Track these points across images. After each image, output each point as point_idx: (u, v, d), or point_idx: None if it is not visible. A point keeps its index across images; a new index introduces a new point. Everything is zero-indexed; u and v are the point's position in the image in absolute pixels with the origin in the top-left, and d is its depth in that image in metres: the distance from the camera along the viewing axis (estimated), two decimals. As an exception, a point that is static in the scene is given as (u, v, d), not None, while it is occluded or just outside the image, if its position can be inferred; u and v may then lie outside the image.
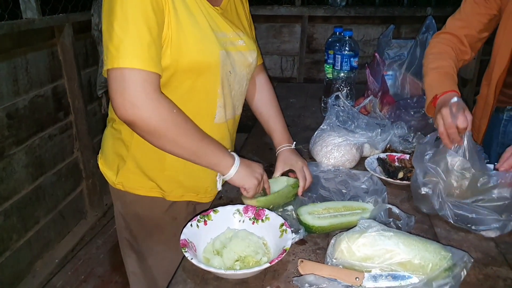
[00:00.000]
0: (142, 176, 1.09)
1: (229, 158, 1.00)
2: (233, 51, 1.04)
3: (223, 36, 1.02)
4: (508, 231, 0.94)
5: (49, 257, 2.31)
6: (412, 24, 3.02)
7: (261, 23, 3.12)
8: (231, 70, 1.04)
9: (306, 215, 0.95)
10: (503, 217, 0.93)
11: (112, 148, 1.12)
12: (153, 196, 1.11)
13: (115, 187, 1.12)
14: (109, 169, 1.13)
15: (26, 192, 2.12)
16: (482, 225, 0.94)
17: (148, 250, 1.17)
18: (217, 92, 1.03)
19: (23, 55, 2.04)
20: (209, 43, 0.97)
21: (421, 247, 0.79)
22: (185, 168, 1.09)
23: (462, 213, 0.96)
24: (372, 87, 1.68)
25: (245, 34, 1.12)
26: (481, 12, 1.32)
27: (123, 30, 0.85)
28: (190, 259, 0.80)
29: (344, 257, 0.81)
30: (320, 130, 1.36)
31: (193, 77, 0.98)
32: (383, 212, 0.95)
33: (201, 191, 1.16)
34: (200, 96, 1.01)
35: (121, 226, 1.18)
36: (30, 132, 2.13)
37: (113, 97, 0.87)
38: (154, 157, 1.06)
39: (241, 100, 1.17)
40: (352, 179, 1.20)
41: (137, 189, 1.10)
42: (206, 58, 0.96)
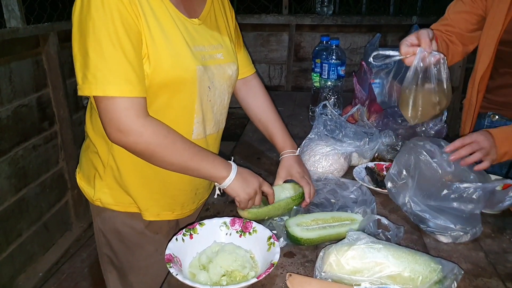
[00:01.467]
0: (120, 192, 1.06)
1: (223, 170, 0.99)
2: (212, 65, 1.02)
3: (200, 50, 0.99)
4: (460, 241, 0.95)
5: (32, 271, 2.24)
6: (398, 32, 3.05)
7: (248, 31, 3.12)
8: (210, 86, 1.02)
9: (294, 227, 0.93)
10: (457, 227, 0.95)
11: (89, 163, 1.09)
12: (132, 212, 1.08)
13: (93, 203, 1.10)
14: (87, 184, 1.11)
15: (9, 204, 2.06)
16: (436, 229, 0.96)
17: (129, 266, 1.14)
18: (194, 108, 1.01)
19: (6, 64, 2.00)
20: (184, 59, 0.94)
21: (410, 259, 0.78)
22: (161, 184, 1.06)
23: (420, 214, 0.99)
24: (359, 96, 1.68)
25: (224, 47, 1.09)
26: (467, 11, 1.34)
27: (98, 55, 0.83)
28: (175, 275, 0.78)
29: (333, 271, 0.80)
30: (308, 139, 1.35)
31: (169, 93, 0.96)
32: (372, 223, 0.94)
33: (177, 209, 1.13)
34: (176, 113, 0.98)
35: (101, 242, 1.15)
36: (13, 142, 2.08)
37: (103, 124, 0.90)
38: (130, 173, 1.04)
39: (224, 114, 1.14)
40: (341, 189, 1.19)
41: (115, 205, 1.08)
42: (182, 73, 0.94)
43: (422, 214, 0.98)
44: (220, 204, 1.16)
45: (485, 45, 1.31)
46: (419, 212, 0.99)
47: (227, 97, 1.12)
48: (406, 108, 1.09)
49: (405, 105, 1.08)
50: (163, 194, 1.08)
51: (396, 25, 3.05)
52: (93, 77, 0.84)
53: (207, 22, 1.06)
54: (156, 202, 1.08)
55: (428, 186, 1.00)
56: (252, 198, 1.01)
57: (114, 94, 0.85)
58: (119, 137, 0.88)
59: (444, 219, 0.95)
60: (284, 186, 1.13)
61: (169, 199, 1.10)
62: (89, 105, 1.07)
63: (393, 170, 1.08)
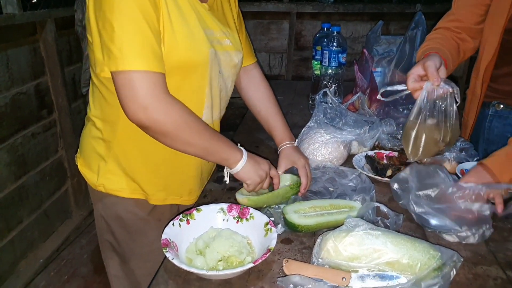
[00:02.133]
0: (124, 178, 1.05)
1: (237, 153, 1.00)
2: (220, 50, 1.00)
3: (211, 34, 0.98)
4: (467, 242, 0.91)
5: (33, 257, 2.25)
6: (401, 21, 3.02)
7: (248, 19, 3.09)
8: (219, 70, 1.01)
9: (291, 214, 0.92)
10: (463, 229, 0.90)
11: (92, 148, 1.07)
12: (136, 198, 1.07)
13: (96, 189, 1.08)
14: (89, 170, 1.09)
15: (9, 191, 2.06)
16: (442, 230, 0.92)
17: (131, 252, 1.13)
18: (205, 92, 0.99)
19: (3, 51, 1.98)
20: (199, 41, 0.93)
21: (409, 246, 0.77)
22: (169, 170, 1.06)
23: (424, 216, 0.94)
24: (361, 84, 1.66)
25: (231, 34, 1.07)
26: (473, 4, 1.30)
27: (123, 28, 0.81)
28: (171, 259, 0.77)
29: (330, 257, 0.79)
30: (307, 127, 1.33)
31: (181, 76, 0.94)
32: (371, 211, 0.93)
33: (185, 194, 1.13)
34: (187, 96, 0.96)
35: (103, 228, 1.14)
36: (12, 130, 2.07)
37: (123, 102, 0.85)
38: (137, 158, 1.02)
39: (227, 101, 1.14)
40: (339, 177, 1.18)
41: (119, 191, 1.06)
42: (195, 56, 0.93)
43: (426, 216, 0.94)
44: (217, 191, 1.15)
45: (490, 35, 1.28)
46: (422, 214, 0.95)
47: (231, 85, 1.11)
48: (407, 144, 1.03)
49: (406, 141, 1.02)
50: (170, 179, 1.07)
51: (399, 13, 3.02)
52: (119, 52, 0.81)
53: (214, 8, 1.04)
54: (163, 187, 1.07)
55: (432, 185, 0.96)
56: (263, 181, 1.02)
57: (143, 67, 0.82)
58: (143, 114, 0.84)
59: (449, 221, 0.91)
60: (283, 176, 1.12)
61: (176, 185, 1.09)
62: (91, 90, 1.05)
63: (404, 173, 1.03)
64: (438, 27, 1.36)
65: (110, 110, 0.99)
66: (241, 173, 1.00)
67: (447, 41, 1.28)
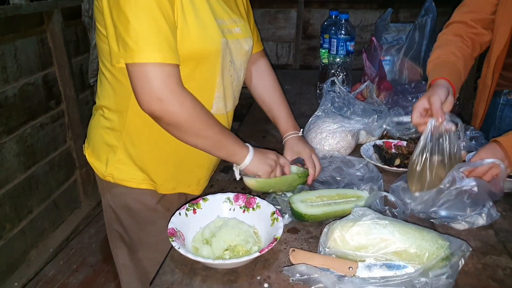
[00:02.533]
0: (133, 168, 1.05)
1: (244, 148, 0.99)
2: (230, 39, 0.99)
3: (221, 23, 0.97)
4: (478, 225, 0.91)
5: (44, 246, 2.29)
6: (410, 9, 2.96)
7: (256, 8, 3.06)
8: (231, 60, 1.00)
9: (298, 203, 0.92)
10: (468, 212, 0.90)
11: (100, 138, 1.07)
12: (144, 188, 1.08)
13: (104, 179, 1.08)
14: (97, 160, 1.09)
15: (19, 181, 2.09)
16: (448, 219, 0.92)
17: (139, 242, 1.14)
18: (216, 82, 0.99)
19: (11, 42, 1.99)
20: (211, 31, 0.92)
21: (417, 235, 0.76)
22: (178, 160, 1.06)
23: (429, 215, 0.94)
24: (369, 73, 1.64)
25: (242, 20, 1.06)
26: None
27: (139, 20, 0.81)
28: (178, 249, 0.78)
29: (337, 246, 0.78)
30: (314, 116, 1.32)
31: (192, 66, 0.94)
32: (379, 200, 0.92)
33: (193, 183, 1.13)
34: (197, 85, 0.96)
35: (111, 218, 1.14)
36: (21, 120, 2.09)
37: (138, 93, 0.86)
38: (146, 148, 1.02)
39: (239, 90, 1.13)
40: (347, 166, 1.17)
41: (127, 181, 1.06)
42: (208, 46, 0.92)
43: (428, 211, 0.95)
44: (224, 181, 1.15)
45: (501, 24, 1.25)
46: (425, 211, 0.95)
47: (243, 73, 1.10)
48: (411, 180, 1.00)
49: (411, 176, 1.00)
50: (179, 169, 1.07)
51: (409, 1, 2.96)
52: (135, 44, 0.81)
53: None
54: (172, 177, 1.07)
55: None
56: (274, 170, 1.02)
57: (158, 60, 0.82)
58: (157, 106, 0.85)
59: (453, 211, 0.92)
60: (292, 167, 1.11)
61: (185, 174, 1.09)
62: (99, 80, 1.05)
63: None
64: (453, 21, 1.32)
65: (120, 100, 0.98)
66: (250, 167, 1.00)
67: (460, 49, 1.24)
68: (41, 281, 2.10)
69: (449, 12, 1.98)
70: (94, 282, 2.11)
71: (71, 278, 2.13)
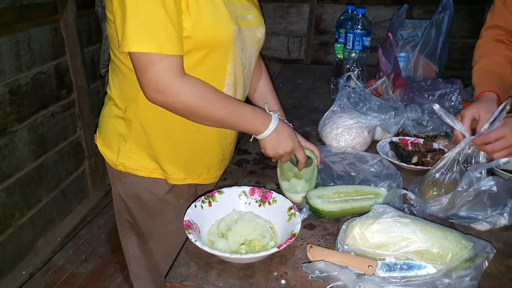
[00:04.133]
0: (144, 157, 1.04)
1: (261, 126, 0.99)
2: (244, 26, 0.98)
3: (234, 10, 0.96)
4: (501, 225, 0.89)
5: (51, 236, 2.30)
6: (425, 6, 2.91)
7: (267, 2, 3.03)
8: (243, 47, 0.99)
9: (315, 199, 0.90)
10: (489, 213, 0.88)
11: (112, 127, 1.07)
12: (155, 178, 1.07)
13: (115, 168, 1.08)
14: (109, 149, 1.08)
15: (28, 170, 2.09)
16: (471, 220, 0.90)
17: (149, 232, 1.13)
18: (226, 69, 0.98)
19: (25, 30, 1.98)
20: (223, 18, 0.91)
21: (440, 235, 0.74)
22: (189, 148, 1.05)
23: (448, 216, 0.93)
24: (385, 69, 1.62)
25: (254, 8, 1.06)
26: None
27: (136, 9, 0.81)
28: (194, 241, 0.76)
29: (356, 244, 0.77)
30: (330, 111, 1.30)
31: (204, 52, 0.93)
32: (397, 198, 0.91)
33: (204, 173, 1.12)
34: (208, 72, 0.95)
35: (121, 208, 1.14)
36: (33, 109, 2.09)
37: (139, 83, 0.88)
38: (157, 136, 1.02)
39: (250, 79, 1.11)
40: (360, 162, 1.16)
41: (139, 170, 1.06)
42: (220, 33, 0.91)
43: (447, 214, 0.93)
44: (238, 174, 1.14)
45: None
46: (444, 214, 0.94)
47: (254, 61, 1.08)
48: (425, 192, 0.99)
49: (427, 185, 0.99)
50: (190, 158, 1.06)
51: (423, -2, 2.92)
52: (132, 34, 0.81)
53: None
54: (183, 166, 1.06)
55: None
56: (279, 158, 1.03)
57: (154, 50, 0.82)
58: (158, 97, 0.87)
59: (473, 213, 0.90)
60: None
61: (196, 163, 1.08)
62: (111, 70, 1.05)
63: None
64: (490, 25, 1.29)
65: (130, 88, 0.98)
66: (261, 142, 1.02)
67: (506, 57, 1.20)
68: (50, 270, 2.10)
69: (464, 10, 1.95)
70: (103, 272, 2.12)
71: (80, 268, 2.13)
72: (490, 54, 1.22)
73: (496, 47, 1.24)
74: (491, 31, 1.28)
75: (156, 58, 0.83)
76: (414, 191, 1.00)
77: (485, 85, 1.11)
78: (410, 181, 1.09)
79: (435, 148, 1.22)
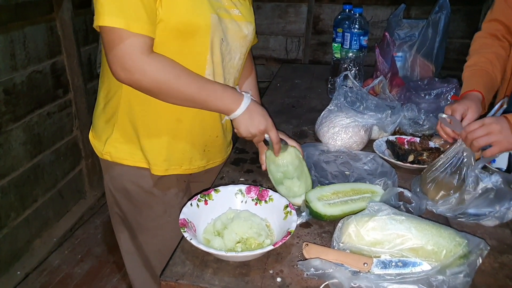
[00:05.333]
0: (129, 146, 1.05)
1: (232, 104, 0.98)
2: (226, 18, 0.99)
3: (217, 1, 0.97)
4: (508, 219, 0.90)
5: (48, 236, 2.28)
6: (422, 6, 2.92)
7: (266, 2, 3.02)
8: (223, 38, 0.99)
9: (315, 202, 0.89)
10: (497, 208, 0.89)
11: (101, 119, 1.09)
12: (140, 168, 1.07)
13: (102, 157, 1.09)
14: (98, 140, 1.10)
15: (24, 169, 2.08)
16: (480, 217, 0.91)
17: (137, 226, 1.13)
18: (206, 58, 0.98)
19: (20, 29, 1.97)
20: (200, 4, 0.93)
21: (434, 232, 0.75)
22: (171, 137, 1.05)
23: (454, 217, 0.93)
24: (382, 68, 1.62)
25: (242, 5, 1.06)
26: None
27: None
28: (190, 240, 0.76)
29: (352, 241, 0.77)
30: (327, 110, 1.30)
31: (182, 39, 0.94)
32: (394, 196, 0.91)
33: (185, 163, 1.10)
34: (188, 61, 0.96)
35: (112, 201, 1.15)
36: (28, 108, 2.08)
37: (107, 57, 0.89)
38: (140, 123, 1.02)
39: (234, 74, 1.10)
40: (353, 160, 1.16)
41: (124, 159, 1.06)
42: (196, 19, 0.92)
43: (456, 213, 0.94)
44: (234, 173, 1.13)
45: None
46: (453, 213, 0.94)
47: (239, 57, 1.08)
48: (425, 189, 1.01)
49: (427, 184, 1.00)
50: (172, 147, 1.06)
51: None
52: (102, 8, 0.83)
53: None
54: (164, 157, 1.06)
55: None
56: (252, 138, 1.03)
57: (121, 26, 0.84)
58: (124, 75, 0.88)
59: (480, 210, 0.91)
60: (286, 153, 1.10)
61: (177, 153, 1.08)
62: (102, 58, 1.05)
63: None
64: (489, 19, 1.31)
65: (113, 77, 0.98)
66: (233, 122, 1.02)
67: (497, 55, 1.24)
68: (45, 270, 2.09)
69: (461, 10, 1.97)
70: (99, 272, 2.11)
71: (76, 268, 2.12)
72: (483, 51, 1.25)
73: (490, 43, 1.26)
74: (490, 24, 1.30)
75: (124, 34, 0.85)
76: (416, 191, 1.00)
77: (473, 84, 1.15)
78: (406, 179, 1.10)
79: (431, 147, 1.23)
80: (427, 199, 0.95)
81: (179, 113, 0.98)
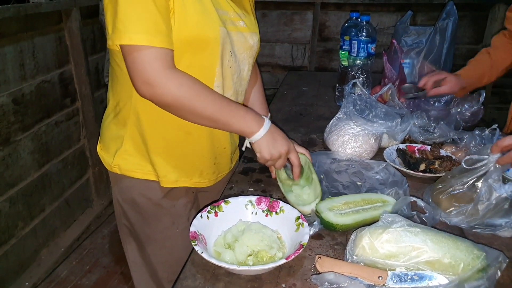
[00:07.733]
0: (139, 158, 1.04)
1: (255, 125, 0.97)
2: (233, 31, 0.99)
3: (224, 13, 0.97)
4: None
5: (55, 246, 2.28)
6: (428, 12, 2.91)
7: (271, 10, 3.03)
8: (231, 51, 0.99)
9: (327, 212, 0.88)
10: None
11: (110, 131, 1.08)
12: (149, 180, 1.06)
13: (111, 170, 1.08)
14: (106, 152, 1.09)
15: (32, 179, 2.08)
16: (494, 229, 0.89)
17: (145, 238, 1.12)
18: (215, 69, 0.98)
19: (30, 39, 1.99)
20: (209, 18, 0.92)
21: (451, 245, 0.73)
22: (181, 149, 1.04)
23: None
24: (390, 75, 1.61)
25: (247, 16, 1.06)
26: None
27: (128, 4, 0.83)
28: (201, 253, 0.75)
29: (365, 254, 0.75)
30: (336, 118, 1.29)
31: (191, 53, 0.94)
32: (406, 206, 0.89)
33: (195, 176, 1.10)
34: (197, 73, 0.96)
35: (120, 213, 1.14)
36: (37, 118, 2.09)
37: (130, 77, 0.89)
38: (150, 136, 1.02)
39: (243, 86, 1.10)
40: (365, 169, 1.15)
41: (133, 172, 1.06)
42: (206, 32, 0.92)
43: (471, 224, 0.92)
44: (244, 183, 1.12)
45: None
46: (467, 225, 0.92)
47: (247, 68, 1.08)
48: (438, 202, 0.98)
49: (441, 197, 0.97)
50: (182, 159, 1.05)
51: (427, 4, 2.91)
52: (122, 26, 0.83)
53: None
54: (174, 168, 1.05)
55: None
56: (274, 161, 1.01)
57: (143, 43, 0.83)
58: (146, 89, 0.87)
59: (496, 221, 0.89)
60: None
61: (188, 165, 1.07)
62: (110, 74, 1.05)
63: None
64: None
65: (123, 87, 0.99)
66: (254, 145, 1.00)
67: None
68: (53, 282, 2.08)
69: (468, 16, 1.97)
70: (107, 283, 2.09)
71: (83, 279, 2.11)
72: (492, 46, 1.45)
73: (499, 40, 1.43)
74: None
75: (146, 50, 0.84)
76: (428, 201, 0.98)
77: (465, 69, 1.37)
78: (418, 188, 1.08)
79: (442, 155, 1.21)
80: (440, 209, 0.94)
81: (189, 126, 0.98)
